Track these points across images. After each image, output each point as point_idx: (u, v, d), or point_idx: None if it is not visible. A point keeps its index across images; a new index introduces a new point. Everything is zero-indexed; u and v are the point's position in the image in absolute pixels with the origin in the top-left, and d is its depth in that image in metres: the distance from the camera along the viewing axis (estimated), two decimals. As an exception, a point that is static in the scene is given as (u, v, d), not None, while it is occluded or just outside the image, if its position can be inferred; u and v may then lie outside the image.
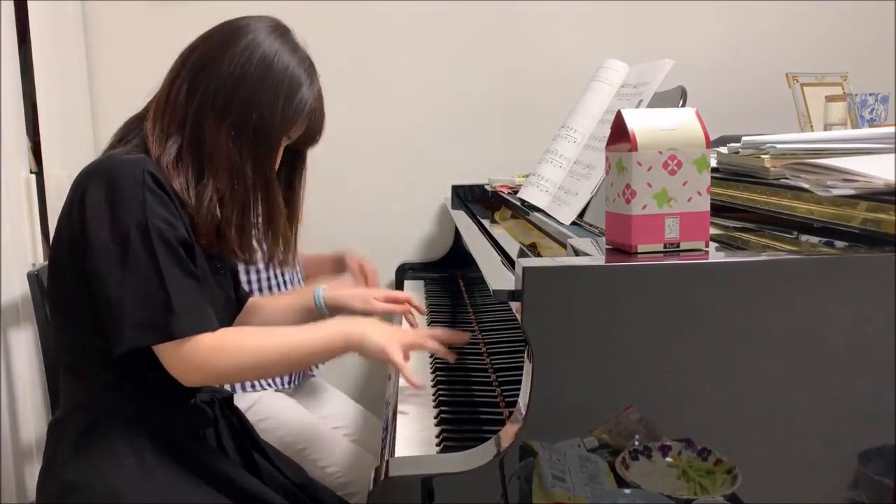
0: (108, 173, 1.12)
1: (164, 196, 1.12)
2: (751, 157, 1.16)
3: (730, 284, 0.91)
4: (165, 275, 1.09)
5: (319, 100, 1.26)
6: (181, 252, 1.12)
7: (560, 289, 0.91)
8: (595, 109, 1.51)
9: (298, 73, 1.21)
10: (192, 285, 1.12)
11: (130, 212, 1.09)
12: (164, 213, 1.11)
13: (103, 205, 1.11)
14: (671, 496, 0.91)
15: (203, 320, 1.13)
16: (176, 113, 1.18)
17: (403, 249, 2.42)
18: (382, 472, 0.96)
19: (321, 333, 1.20)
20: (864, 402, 0.92)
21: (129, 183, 1.10)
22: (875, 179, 0.91)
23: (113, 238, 1.10)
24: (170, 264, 1.10)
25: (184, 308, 1.10)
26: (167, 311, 1.09)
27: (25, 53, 1.92)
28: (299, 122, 1.23)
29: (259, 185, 1.21)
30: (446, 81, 2.36)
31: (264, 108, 1.18)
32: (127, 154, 1.16)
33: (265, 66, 1.18)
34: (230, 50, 1.18)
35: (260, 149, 1.19)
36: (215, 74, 1.17)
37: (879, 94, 1.89)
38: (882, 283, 0.90)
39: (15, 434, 1.79)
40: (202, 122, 1.17)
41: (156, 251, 1.09)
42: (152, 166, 1.13)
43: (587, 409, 0.92)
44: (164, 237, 1.10)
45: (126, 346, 1.09)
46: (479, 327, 1.72)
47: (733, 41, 2.35)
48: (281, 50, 1.20)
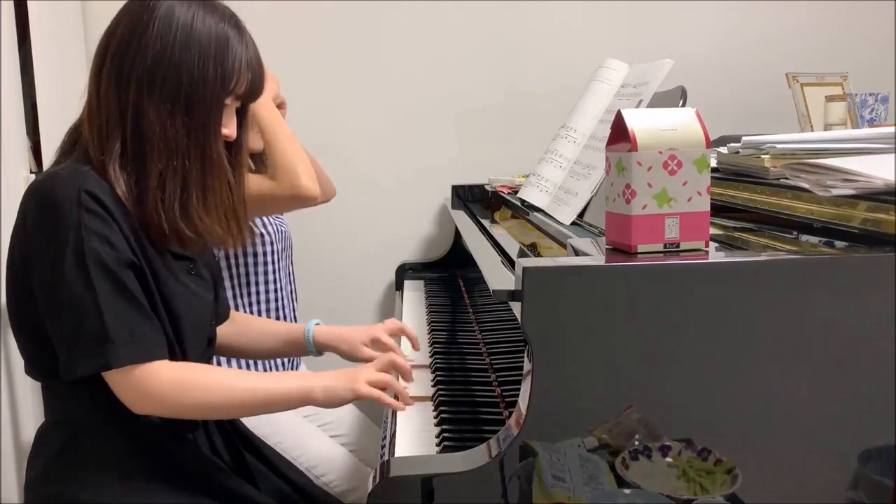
0: (46, 194, 1.09)
1: (103, 214, 1.08)
2: (751, 157, 1.16)
3: (730, 284, 0.91)
4: (101, 301, 1.05)
5: (254, 50, 1.20)
6: (122, 276, 1.08)
7: (560, 289, 0.91)
8: (595, 109, 1.51)
9: (222, 29, 1.15)
10: (132, 311, 1.08)
11: (66, 235, 1.06)
12: (103, 232, 1.07)
13: (42, 228, 1.08)
14: (671, 496, 0.91)
15: (145, 348, 1.09)
16: (110, 107, 1.13)
17: (403, 249, 2.42)
18: (383, 472, 0.96)
19: (283, 386, 1.16)
20: (864, 402, 0.92)
21: (65, 204, 1.06)
22: (875, 179, 0.91)
23: (50, 264, 1.07)
24: (106, 289, 1.06)
25: (121, 336, 1.06)
26: (104, 341, 1.05)
27: (25, 53, 1.92)
28: (241, 78, 1.17)
29: (196, 155, 1.14)
30: (446, 81, 2.36)
31: (193, 73, 1.12)
32: (65, 170, 1.11)
33: (186, 33, 1.12)
34: (147, 29, 1.12)
35: (195, 116, 1.13)
36: (140, 56, 1.12)
37: (879, 94, 1.89)
38: (882, 283, 0.90)
39: (15, 434, 1.79)
40: (137, 106, 1.12)
41: (91, 276, 1.05)
42: (92, 182, 1.08)
43: (587, 409, 0.92)
44: (101, 261, 1.06)
45: (70, 374, 1.07)
46: (479, 327, 1.72)
47: (733, 41, 2.35)
48: (198, 12, 1.14)
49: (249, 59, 1.18)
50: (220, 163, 1.17)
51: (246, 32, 1.19)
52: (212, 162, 1.16)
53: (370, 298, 2.44)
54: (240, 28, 1.18)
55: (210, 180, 1.16)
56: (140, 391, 1.09)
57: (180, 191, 1.13)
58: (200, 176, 1.15)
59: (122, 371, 1.07)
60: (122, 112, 1.12)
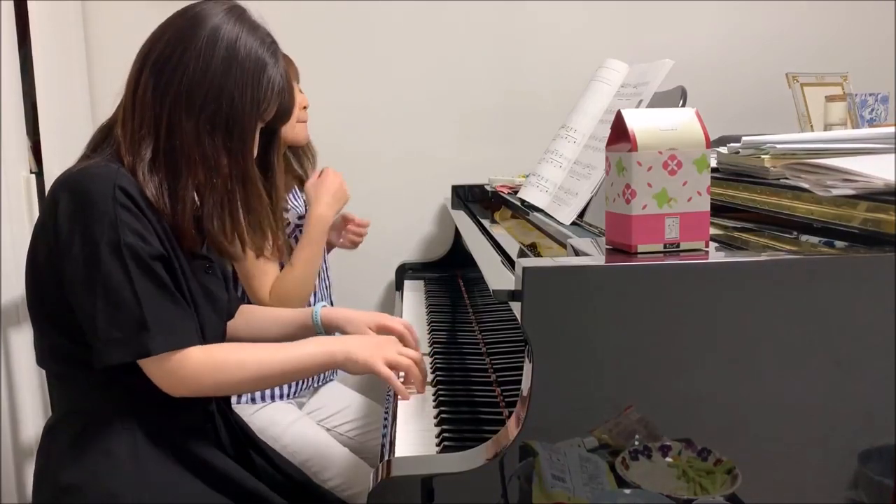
0: (80, 188, 1.11)
1: (136, 210, 1.11)
2: (751, 157, 1.16)
3: (730, 284, 0.91)
4: (139, 291, 1.08)
5: (285, 75, 1.23)
6: (155, 268, 1.11)
7: (560, 289, 0.91)
8: (595, 109, 1.51)
9: (262, 54, 1.18)
10: (167, 301, 1.12)
11: (101, 229, 1.08)
12: (136, 227, 1.10)
13: (75, 221, 1.10)
14: (671, 496, 0.91)
15: (180, 336, 1.12)
16: (145, 115, 1.15)
17: (403, 249, 2.42)
18: (383, 472, 0.96)
19: (307, 351, 1.21)
20: (864, 402, 0.92)
21: (100, 199, 1.09)
22: (875, 179, 0.91)
23: (85, 255, 1.09)
24: (143, 280, 1.09)
25: (158, 324, 1.09)
26: (141, 329, 1.09)
27: (25, 53, 1.92)
28: (271, 104, 1.20)
29: (237, 176, 1.19)
30: (447, 81, 2.36)
31: (234, 96, 1.15)
32: (99, 166, 1.13)
33: (230, 54, 1.15)
34: (191, 43, 1.15)
35: (234, 138, 1.17)
36: (180, 71, 1.14)
37: (879, 94, 1.89)
38: (882, 283, 0.90)
39: (15, 434, 1.79)
40: (173, 120, 1.15)
41: (128, 268, 1.08)
42: (125, 179, 1.11)
43: (587, 409, 0.92)
44: (136, 254, 1.09)
45: (103, 362, 1.09)
46: (479, 327, 1.72)
47: (733, 41, 2.35)
48: (241, 33, 1.17)
49: (282, 87, 1.21)
50: (258, 184, 1.22)
51: (280, 58, 1.22)
52: (253, 182, 1.21)
53: (370, 298, 2.44)
54: (275, 54, 1.21)
55: (253, 201, 1.21)
56: (176, 376, 1.12)
57: (221, 209, 1.18)
58: (244, 196, 1.21)
59: (158, 358, 1.11)
60: (156, 121, 1.15)
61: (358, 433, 1.91)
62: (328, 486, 1.65)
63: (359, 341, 1.25)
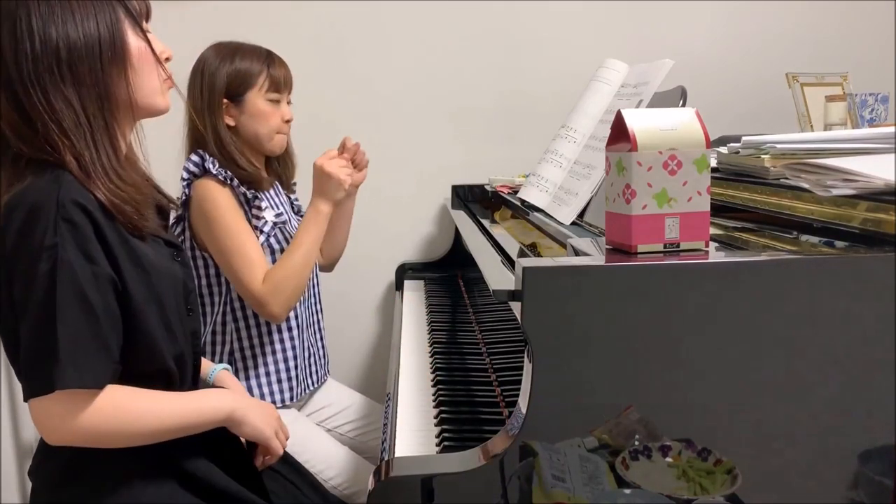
0: (27, 205, 1.05)
1: (82, 224, 1.05)
2: (751, 157, 1.16)
3: (730, 284, 0.91)
4: (59, 318, 1.02)
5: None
6: (88, 292, 1.04)
7: (560, 289, 0.91)
8: (595, 109, 1.51)
9: None
10: (90, 330, 1.04)
11: (41, 248, 1.03)
12: (81, 244, 1.04)
13: (20, 239, 1.05)
14: (671, 496, 0.91)
15: (89, 375, 1.04)
16: (32, 116, 1.08)
17: (403, 249, 2.42)
18: (383, 473, 0.96)
19: (209, 405, 1.20)
20: (864, 402, 0.92)
21: (44, 215, 1.04)
22: (875, 179, 0.91)
23: (23, 277, 1.04)
24: (69, 306, 1.02)
25: (71, 358, 1.02)
26: (52, 361, 1.02)
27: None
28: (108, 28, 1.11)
29: (97, 104, 1.10)
30: (447, 81, 2.36)
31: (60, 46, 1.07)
32: (43, 180, 1.07)
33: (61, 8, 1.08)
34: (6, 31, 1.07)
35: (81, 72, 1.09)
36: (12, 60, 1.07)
37: (879, 94, 1.89)
38: (882, 283, 0.90)
39: (15, 434, 1.79)
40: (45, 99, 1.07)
41: (55, 292, 1.02)
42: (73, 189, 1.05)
43: (587, 409, 0.92)
44: (72, 277, 1.03)
45: (25, 396, 1.06)
46: (479, 327, 1.73)
47: (733, 41, 2.36)
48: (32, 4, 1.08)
49: None
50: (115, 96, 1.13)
51: None
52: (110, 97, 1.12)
53: (370, 298, 2.44)
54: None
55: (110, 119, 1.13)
56: (58, 417, 1.06)
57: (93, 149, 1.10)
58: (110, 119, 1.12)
59: (62, 394, 1.03)
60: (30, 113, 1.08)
61: (358, 433, 1.91)
62: (329, 486, 1.65)
63: (255, 408, 1.26)
